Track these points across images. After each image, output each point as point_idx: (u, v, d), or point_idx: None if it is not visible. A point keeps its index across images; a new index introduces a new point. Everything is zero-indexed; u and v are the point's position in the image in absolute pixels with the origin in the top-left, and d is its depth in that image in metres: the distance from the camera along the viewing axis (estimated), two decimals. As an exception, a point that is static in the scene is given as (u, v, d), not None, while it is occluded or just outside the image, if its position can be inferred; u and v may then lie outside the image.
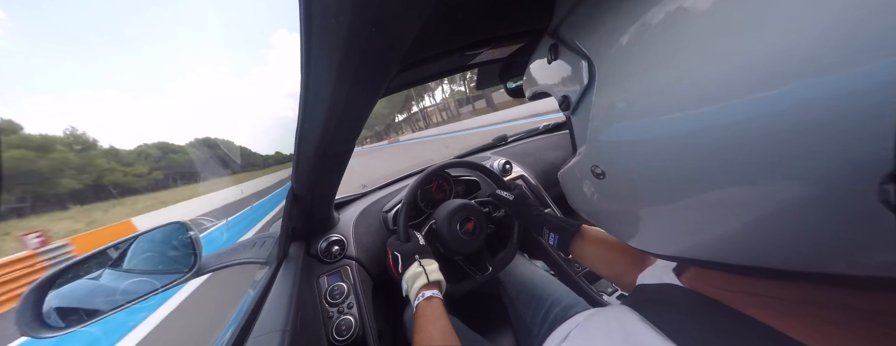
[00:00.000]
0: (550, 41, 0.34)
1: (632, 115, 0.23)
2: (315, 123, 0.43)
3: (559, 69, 0.33)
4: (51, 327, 0.45)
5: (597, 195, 0.32)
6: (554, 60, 0.34)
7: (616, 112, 0.25)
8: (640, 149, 0.23)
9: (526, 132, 1.65)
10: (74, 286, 0.51)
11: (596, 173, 0.29)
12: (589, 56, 0.27)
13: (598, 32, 0.26)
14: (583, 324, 0.33)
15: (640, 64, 0.22)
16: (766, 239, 0.19)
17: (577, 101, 0.30)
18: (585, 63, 0.27)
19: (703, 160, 0.19)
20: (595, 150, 0.29)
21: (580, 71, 0.28)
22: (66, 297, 0.48)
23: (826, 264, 0.18)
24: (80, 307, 0.50)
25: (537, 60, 0.39)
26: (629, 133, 0.24)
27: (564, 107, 0.32)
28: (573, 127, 0.34)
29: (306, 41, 0.28)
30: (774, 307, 0.22)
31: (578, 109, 0.30)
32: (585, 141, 0.30)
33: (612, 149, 0.26)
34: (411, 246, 0.69)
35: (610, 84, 0.25)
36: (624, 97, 0.24)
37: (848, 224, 0.15)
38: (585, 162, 0.31)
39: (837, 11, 0.13)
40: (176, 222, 0.65)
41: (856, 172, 0.14)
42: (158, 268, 0.63)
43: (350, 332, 0.70)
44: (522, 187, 0.89)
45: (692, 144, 0.19)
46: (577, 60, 0.28)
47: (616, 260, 0.56)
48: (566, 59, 0.31)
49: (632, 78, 0.23)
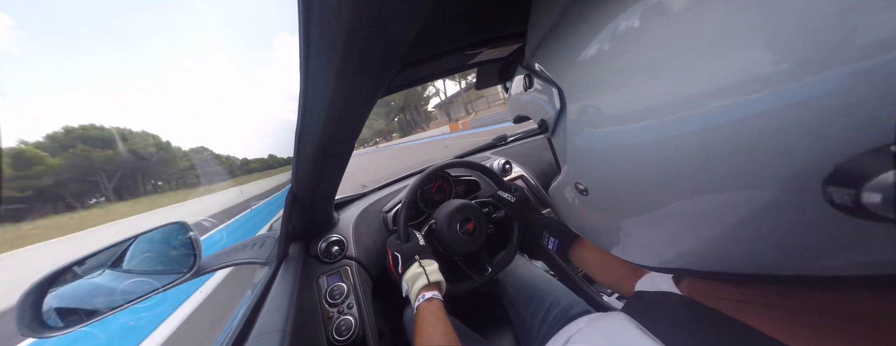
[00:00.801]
0: (525, 72, 0.37)
1: (601, 136, 0.26)
2: (315, 124, 0.43)
3: (534, 97, 0.36)
4: (50, 327, 0.45)
5: (582, 210, 0.34)
6: (530, 88, 0.36)
7: (587, 132, 0.27)
8: (613, 164, 0.25)
9: (525, 132, 1.65)
10: (74, 286, 0.51)
11: (580, 190, 0.31)
12: (558, 84, 0.30)
13: (563, 63, 0.29)
14: (584, 329, 0.33)
15: (603, 86, 0.24)
16: (736, 245, 0.20)
17: (554, 124, 0.32)
18: (556, 90, 0.30)
19: (668, 171, 0.21)
20: (576, 168, 0.31)
21: (553, 97, 0.30)
22: (65, 297, 0.48)
23: (797, 266, 0.19)
24: (79, 307, 0.50)
25: (516, 88, 0.42)
26: (601, 151, 0.26)
27: (544, 130, 0.35)
28: (554, 148, 0.36)
29: (306, 41, 0.28)
30: (769, 314, 0.23)
31: (556, 132, 0.32)
32: (566, 161, 0.32)
33: (590, 166, 0.29)
34: (411, 246, 0.69)
35: (578, 107, 0.28)
36: (592, 118, 0.26)
37: (805, 226, 0.16)
38: (569, 180, 0.33)
39: (783, 28, 0.15)
40: (176, 222, 0.65)
41: (802, 175, 0.15)
42: (158, 268, 0.63)
43: (350, 332, 0.70)
44: (523, 189, 0.89)
45: (656, 157, 0.21)
46: (549, 88, 0.31)
47: (614, 267, 0.56)
48: (540, 87, 0.34)
49: (597, 99, 0.25)
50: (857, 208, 0.14)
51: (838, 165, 0.14)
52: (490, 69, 0.80)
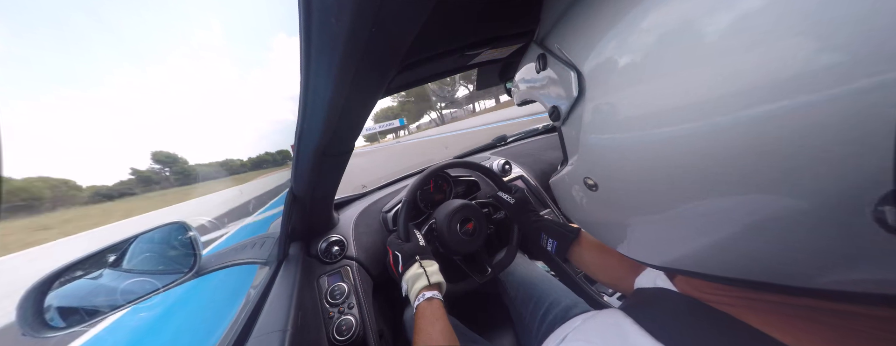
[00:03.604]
0: (539, 50, 0.33)
1: (625, 128, 0.23)
2: (315, 124, 0.43)
3: (548, 79, 0.32)
4: (52, 326, 0.45)
5: (588, 205, 0.32)
6: (542, 70, 0.33)
7: (608, 125, 0.24)
8: (634, 163, 0.23)
9: (525, 132, 1.65)
10: (75, 286, 0.51)
11: (588, 185, 0.29)
12: (578, 67, 0.26)
13: (587, 43, 0.25)
14: (580, 327, 0.33)
15: (632, 75, 0.21)
16: (753, 253, 0.19)
17: (568, 112, 0.29)
18: (574, 74, 0.26)
19: (699, 173, 0.19)
20: (588, 161, 0.28)
21: (569, 82, 0.27)
22: (66, 296, 0.48)
23: (816, 279, 0.18)
24: (80, 306, 0.50)
25: (526, 68, 0.38)
26: (622, 147, 0.23)
27: (554, 117, 0.32)
28: (563, 137, 0.33)
29: (306, 41, 0.28)
30: (765, 310, 0.23)
31: (569, 120, 0.30)
32: (577, 152, 0.29)
33: (606, 162, 0.26)
34: (412, 247, 0.69)
35: (601, 96, 0.24)
36: (616, 110, 0.23)
37: (835, 240, 0.15)
38: (578, 173, 0.30)
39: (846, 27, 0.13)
40: (176, 222, 0.65)
41: (851, 190, 0.14)
42: (158, 268, 0.63)
43: (351, 332, 0.70)
44: (524, 191, 0.89)
45: (689, 158, 0.19)
46: (566, 71, 0.27)
47: (613, 265, 0.56)
48: (555, 69, 0.30)
49: (624, 90, 0.22)
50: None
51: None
52: (490, 69, 0.80)
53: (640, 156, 0.22)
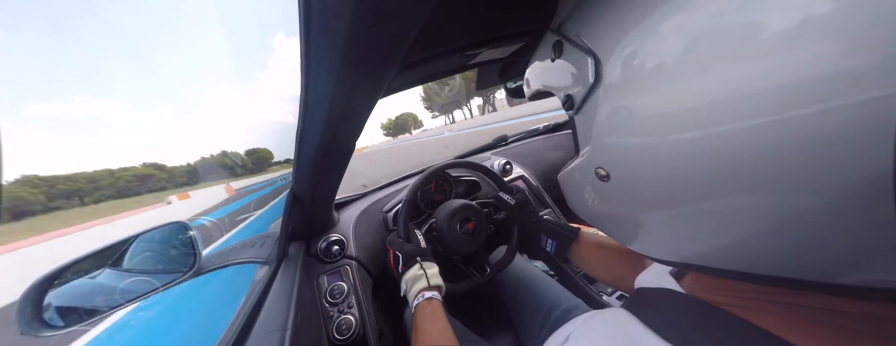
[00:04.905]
0: (554, 38, 0.33)
1: (642, 117, 0.22)
2: (315, 124, 0.43)
3: (563, 67, 0.32)
4: (51, 325, 0.45)
5: (599, 198, 0.31)
6: (557, 58, 0.32)
7: (625, 114, 0.23)
8: (650, 153, 0.22)
9: (526, 132, 1.65)
10: (74, 285, 0.51)
11: (600, 176, 0.28)
12: (595, 53, 0.26)
13: (606, 28, 0.25)
14: (583, 325, 0.32)
15: (651, 64, 0.21)
16: (773, 248, 0.19)
17: (582, 100, 0.29)
18: (591, 60, 0.26)
19: (717, 167, 0.18)
20: (600, 151, 0.28)
21: (585, 69, 0.27)
22: (65, 296, 0.48)
23: (830, 274, 0.17)
24: (79, 305, 0.50)
25: (539, 59, 0.38)
26: (638, 136, 0.23)
27: (568, 106, 0.31)
28: (576, 127, 0.33)
29: (306, 41, 0.28)
30: (776, 312, 0.22)
31: (583, 109, 0.29)
32: (590, 142, 0.29)
33: (619, 151, 0.25)
34: (412, 247, 0.69)
35: (618, 83, 0.24)
36: (634, 99, 0.22)
37: (861, 236, 0.15)
38: (589, 164, 0.30)
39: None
40: (176, 221, 0.65)
41: (880, 183, 0.14)
42: (158, 268, 0.63)
43: (350, 331, 0.70)
44: (524, 192, 0.88)
45: (707, 151, 0.18)
46: (582, 58, 0.27)
47: (613, 264, 0.56)
48: (570, 56, 0.30)
49: (643, 78, 0.22)
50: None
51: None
52: (491, 69, 0.80)
53: (659, 148, 0.21)
